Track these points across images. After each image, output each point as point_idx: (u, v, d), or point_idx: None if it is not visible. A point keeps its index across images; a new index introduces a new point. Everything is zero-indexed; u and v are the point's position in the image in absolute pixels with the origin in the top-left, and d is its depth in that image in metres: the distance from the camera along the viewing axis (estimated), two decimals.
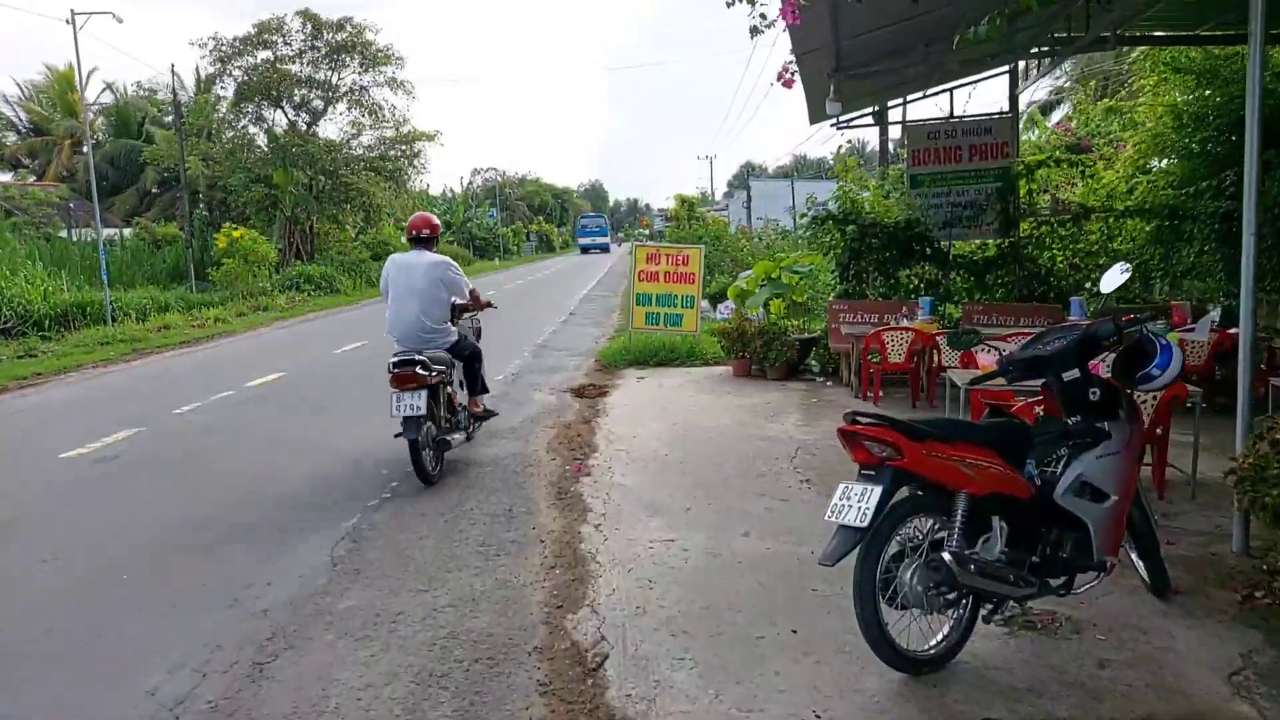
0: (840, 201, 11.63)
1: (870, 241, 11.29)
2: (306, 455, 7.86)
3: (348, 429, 8.86)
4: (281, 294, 27.15)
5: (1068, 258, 11.47)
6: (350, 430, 8.73)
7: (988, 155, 11.52)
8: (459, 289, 7.31)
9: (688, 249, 13.06)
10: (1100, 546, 3.92)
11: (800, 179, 65.53)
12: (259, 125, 35.38)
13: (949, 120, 11.76)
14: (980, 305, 11.10)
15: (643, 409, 9.40)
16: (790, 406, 9.48)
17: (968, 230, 11.60)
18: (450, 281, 7.18)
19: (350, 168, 34.63)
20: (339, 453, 7.86)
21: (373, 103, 36.02)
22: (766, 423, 8.65)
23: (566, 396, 10.29)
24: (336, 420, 9.47)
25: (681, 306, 12.91)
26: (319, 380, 12.26)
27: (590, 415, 9.13)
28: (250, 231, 26.37)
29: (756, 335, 11.27)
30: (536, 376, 11.79)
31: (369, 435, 8.17)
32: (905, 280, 11.67)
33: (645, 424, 8.59)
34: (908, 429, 3.65)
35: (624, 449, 7.58)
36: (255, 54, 34.69)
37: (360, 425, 8.76)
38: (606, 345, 14.17)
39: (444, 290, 7.15)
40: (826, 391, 10.43)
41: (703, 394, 10.26)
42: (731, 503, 6.03)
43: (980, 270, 11.49)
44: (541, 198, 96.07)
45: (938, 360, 9.39)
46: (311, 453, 7.95)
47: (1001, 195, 11.39)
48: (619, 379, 11.46)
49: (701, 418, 8.86)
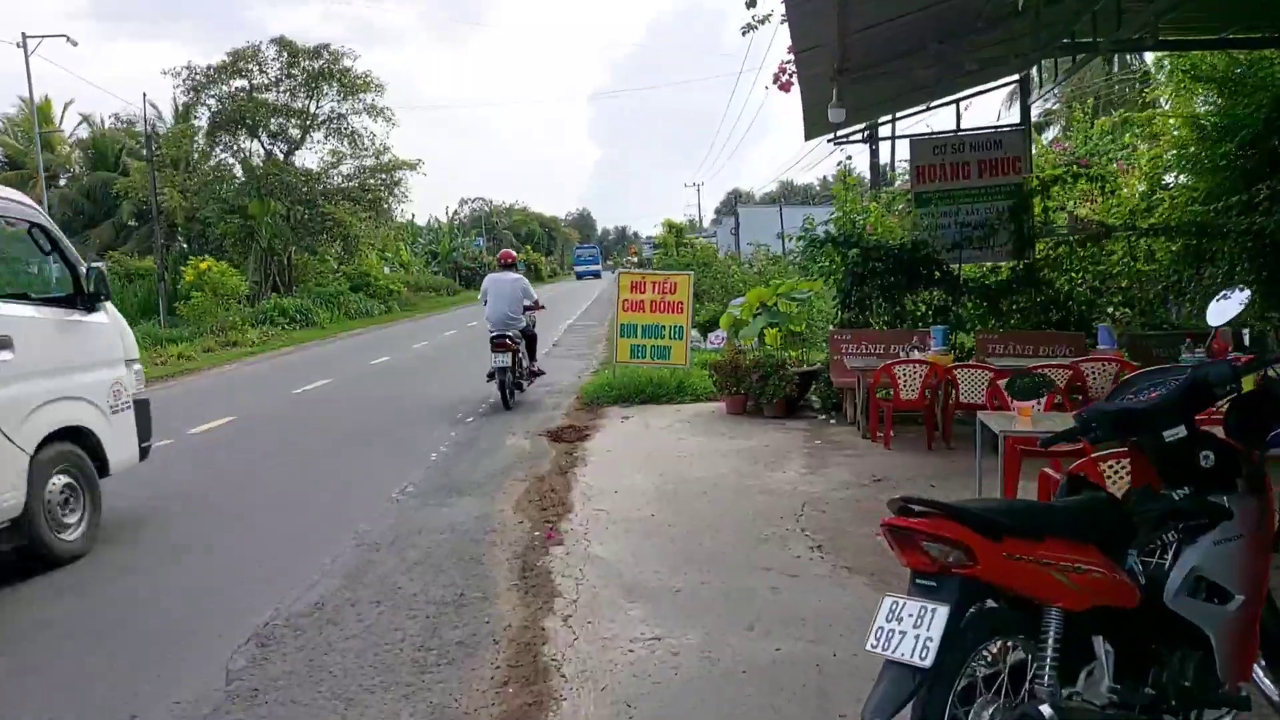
0: (840, 223, 10.70)
1: (874, 265, 10.35)
2: (235, 530, 6.79)
3: (279, 503, 7.79)
4: (255, 328, 26.04)
5: (1088, 281, 10.55)
6: (285, 497, 7.68)
7: (998, 171, 10.63)
8: (529, 296, 11.89)
9: (675, 275, 12.10)
10: (1227, 666, 2.90)
11: (788, 205, 65.12)
12: (234, 155, 34.50)
13: (955, 134, 10.88)
14: (995, 334, 10.16)
15: (627, 456, 8.37)
16: (792, 450, 8.47)
17: (978, 252, 10.68)
18: (525, 290, 11.84)
19: (328, 198, 33.75)
20: (273, 530, 6.80)
21: (351, 131, 35.27)
22: (766, 471, 7.63)
23: (543, 441, 9.25)
24: (264, 494, 8.40)
25: (669, 338, 11.92)
26: (265, 428, 11.17)
27: (567, 464, 8.09)
28: (220, 264, 25.36)
29: (752, 369, 10.28)
30: (510, 416, 10.75)
31: (312, 508, 7.12)
32: (912, 307, 10.72)
33: (629, 475, 7.55)
34: (979, 520, 2.63)
35: (604, 508, 6.53)
36: (230, 82, 33.92)
37: (303, 490, 7.72)
38: (590, 380, 13.16)
39: (521, 296, 11.68)
40: (830, 431, 9.43)
41: (694, 436, 9.23)
42: (730, 580, 4.99)
43: (993, 295, 10.55)
44: (529, 226, 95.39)
45: (955, 397, 8.41)
46: (241, 528, 6.88)
47: (1014, 214, 10.49)
48: (602, 419, 10.43)
49: (692, 466, 7.83)
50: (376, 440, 9.73)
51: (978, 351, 10.05)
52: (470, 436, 9.52)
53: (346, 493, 7.47)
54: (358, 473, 8.28)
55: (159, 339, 22.81)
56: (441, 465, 8.24)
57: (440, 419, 10.73)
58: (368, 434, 10.07)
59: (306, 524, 6.60)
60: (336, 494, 7.47)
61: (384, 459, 8.76)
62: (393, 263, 49.93)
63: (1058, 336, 9.98)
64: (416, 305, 41.32)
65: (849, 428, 9.53)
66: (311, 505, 7.14)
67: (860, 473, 7.51)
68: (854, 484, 7.16)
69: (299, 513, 6.97)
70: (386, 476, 7.81)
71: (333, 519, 6.58)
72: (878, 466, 7.72)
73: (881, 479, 7.28)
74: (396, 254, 51.84)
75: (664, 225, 44.82)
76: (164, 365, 18.77)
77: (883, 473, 7.48)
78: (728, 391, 10.49)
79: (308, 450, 9.33)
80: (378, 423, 10.73)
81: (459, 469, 8.06)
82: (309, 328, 28.47)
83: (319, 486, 7.78)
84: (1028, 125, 10.62)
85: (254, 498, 7.55)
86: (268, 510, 7.13)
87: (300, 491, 7.67)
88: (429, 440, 9.45)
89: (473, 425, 10.17)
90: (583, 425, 9.99)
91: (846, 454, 8.27)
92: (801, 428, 9.63)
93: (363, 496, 7.19)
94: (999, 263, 10.80)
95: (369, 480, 7.87)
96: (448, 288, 50.86)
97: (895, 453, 8.28)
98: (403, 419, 10.98)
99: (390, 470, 8.08)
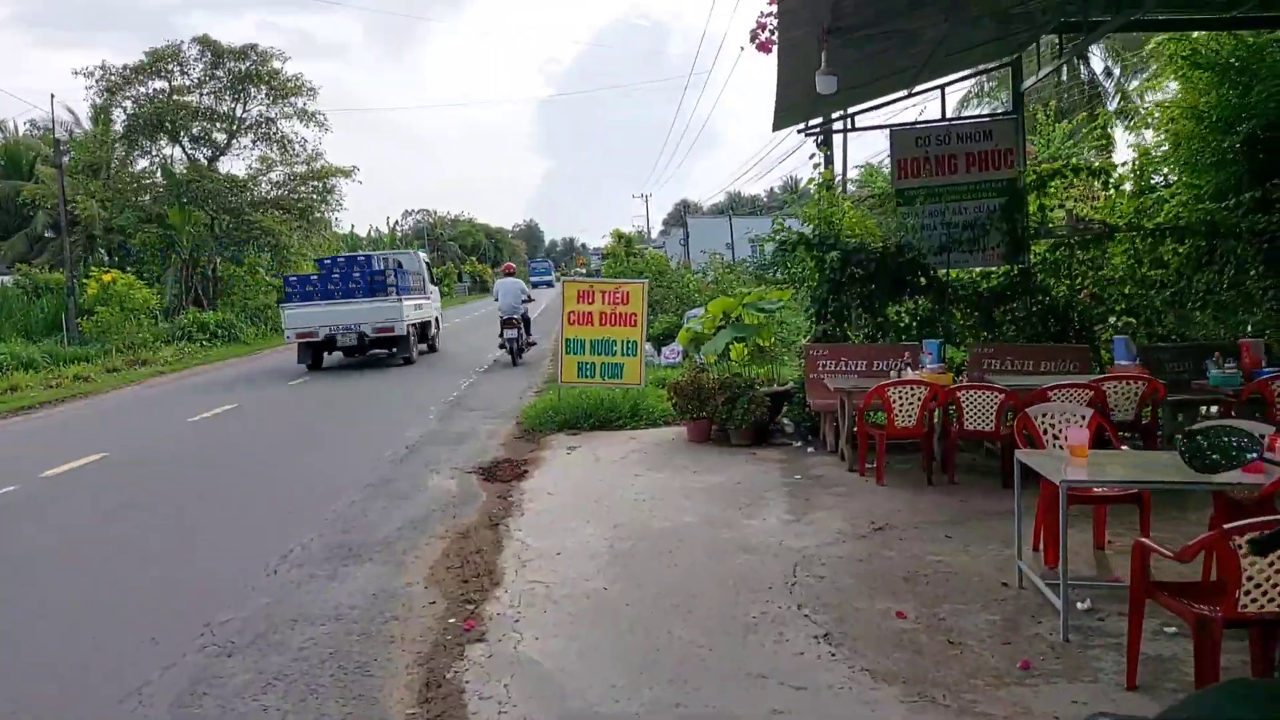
0: (814, 223, 9.43)
1: (853, 271, 9.10)
2: (31, 629, 5.18)
3: (111, 582, 6.17)
4: (170, 345, 24.01)
5: (1088, 287, 9.43)
6: (122, 573, 6.06)
7: (989, 164, 9.48)
8: (525, 292, 17.48)
9: (627, 284, 10.72)
10: None
11: (737, 215, 64.33)
12: (152, 160, 32.28)
13: (941, 124, 9.71)
14: (990, 348, 8.97)
15: (572, 500, 6.93)
16: (769, 488, 7.12)
17: (967, 255, 9.50)
18: (522, 288, 17.48)
19: (257, 206, 31.71)
20: (86, 629, 5.20)
21: (281, 136, 33.29)
22: (743, 518, 6.26)
23: (472, 480, 7.77)
24: (98, 568, 6.77)
25: (621, 354, 10.51)
26: (135, 470, 9.44)
27: (500, 512, 6.63)
28: (126, 276, 23.26)
29: (717, 390, 8.94)
30: (438, 450, 9.22)
31: (154, 590, 5.53)
32: (895, 318, 9.50)
33: (575, 527, 6.12)
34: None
35: (542, 578, 5.09)
36: (148, 83, 31.77)
37: (150, 562, 6.11)
38: (532, 401, 11.69)
39: (520, 292, 17.22)
40: (809, 462, 8.11)
41: (652, 471, 7.84)
42: (715, 700, 3.60)
43: (985, 304, 9.37)
44: (475, 238, 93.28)
45: (959, 423, 7.16)
46: (44, 625, 5.28)
47: (1007, 213, 9.34)
48: (544, 450, 8.98)
49: (653, 513, 6.43)
50: (269, 485, 8.11)
51: (970, 367, 8.85)
52: (387, 476, 7.99)
53: (211, 563, 5.86)
54: (234, 532, 6.64)
55: (60, 358, 20.74)
56: (344, 518, 6.69)
57: (355, 452, 9.18)
58: (260, 476, 8.44)
59: (139, 615, 4.95)
60: (196, 565, 5.83)
61: (272, 511, 7.16)
62: None
63: (1061, 350, 8.84)
64: None
65: (830, 458, 8.23)
66: (155, 585, 5.49)
67: (855, 518, 6.19)
68: (851, 534, 5.83)
69: (133, 597, 5.29)
70: (269, 537, 6.23)
71: (179, 605, 5.02)
72: (874, 509, 6.42)
73: (883, 527, 5.97)
74: None
75: (612, 236, 43.53)
76: (57, 388, 16.82)
77: (882, 518, 6.17)
78: (689, 416, 9.13)
79: (178, 500, 7.64)
80: (276, 461, 9.12)
81: (365, 522, 6.53)
82: (232, 343, 26.47)
83: (175, 555, 6.10)
84: (1021, 114, 9.48)
85: (80, 574, 5.84)
86: (91, 593, 5.43)
87: (145, 564, 5.95)
88: (336, 480, 7.91)
89: (392, 464, 8.62)
90: (521, 459, 8.53)
91: (834, 493, 6.96)
92: (776, 458, 8.31)
93: (231, 568, 5.61)
94: (990, 267, 9.64)
95: (246, 543, 6.26)
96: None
97: (890, 490, 6.99)
98: (308, 454, 9.40)
99: (276, 528, 6.51)
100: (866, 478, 7.40)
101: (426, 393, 13.74)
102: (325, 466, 8.63)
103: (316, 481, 7.97)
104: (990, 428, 7.05)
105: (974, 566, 5.14)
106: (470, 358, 19.37)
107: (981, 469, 7.63)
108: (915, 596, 4.70)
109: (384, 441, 9.68)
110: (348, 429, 10.83)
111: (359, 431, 10.58)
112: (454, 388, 14.29)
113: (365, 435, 10.23)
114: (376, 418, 11.57)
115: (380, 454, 9.01)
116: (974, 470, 7.45)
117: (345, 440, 10.01)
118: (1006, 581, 4.86)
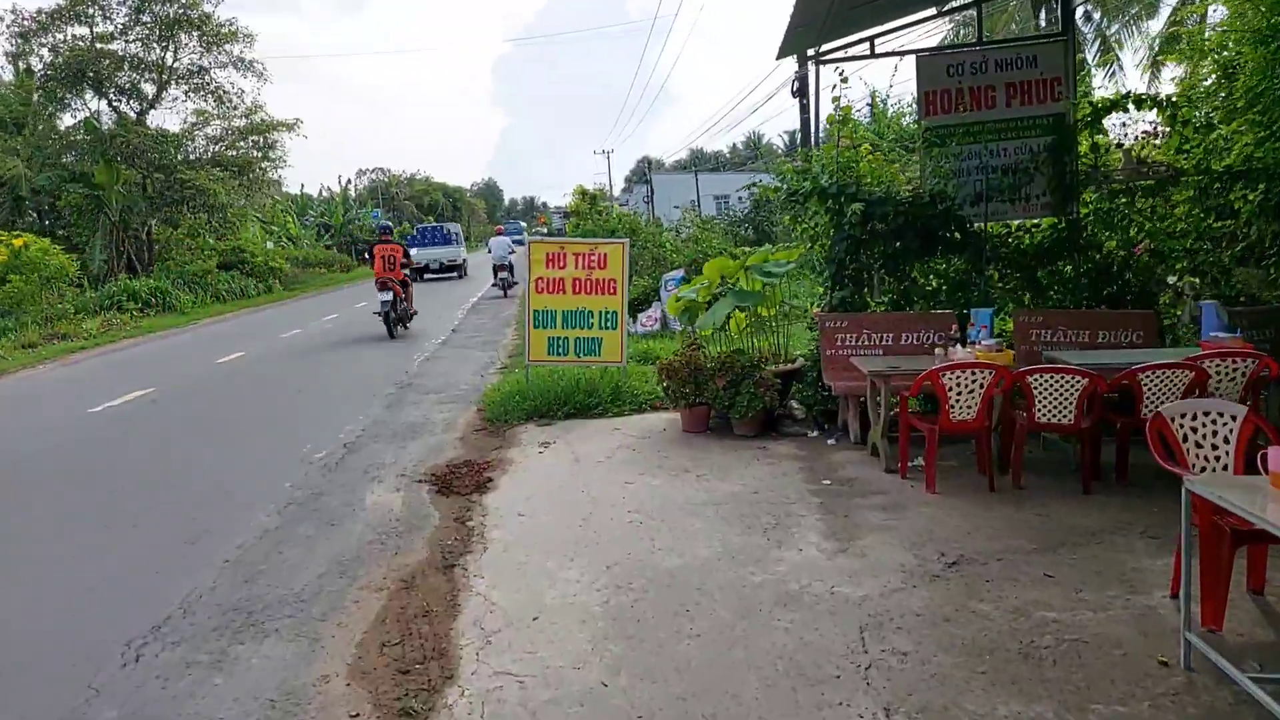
0: (829, 167, 7.91)
1: (875, 226, 7.62)
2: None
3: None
4: (97, 316, 21.92)
5: (1145, 241, 8.05)
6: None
7: (1032, 97, 8.00)
8: (512, 247, 26.10)
9: (605, 245, 9.14)
10: None
11: (702, 171, 62.44)
12: (74, 115, 29.68)
13: (976, 49, 8.20)
14: (1038, 315, 7.59)
15: (551, 523, 5.44)
16: (795, 499, 5.70)
17: (1007, 206, 8.06)
18: (509, 244, 26.37)
19: (192, 164, 29.32)
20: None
21: (216, 87, 30.76)
22: (772, 547, 4.84)
23: (422, 494, 6.23)
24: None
25: (600, 327, 8.99)
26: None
27: (457, 545, 5.12)
28: (41, 240, 21.06)
29: (717, 372, 7.47)
30: (382, 447, 7.65)
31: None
32: (923, 280, 8.07)
33: (555, 570, 4.63)
34: None
35: (513, 669, 3.61)
36: (65, 29, 29.03)
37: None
38: (496, 382, 10.13)
39: (509, 245, 26.34)
40: (834, 459, 6.70)
41: (647, 475, 6.37)
42: None
43: (1028, 263, 7.96)
44: (433, 197, 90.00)
45: (1029, 415, 5.76)
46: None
47: (1054, 154, 7.90)
48: (511, 447, 7.46)
49: (656, 542, 4.97)
50: (162, 508, 6.30)
51: (1016, 338, 7.48)
52: (315, 491, 6.41)
53: (45, 642, 4.25)
54: (92, 585, 4.91)
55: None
56: (250, 558, 5.10)
57: (283, 453, 7.58)
58: (153, 494, 6.67)
59: None
60: (13, 649, 4.20)
61: (156, 548, 5.44)
62: (278, 236, 45.27)
63: (1122, 318, 7.48)
64: (306, 283, 37.18)
65: (856, 452, 6.83)
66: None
67: (917, 545, 4.80)
68: (919, 572, 4.43)
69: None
70: (143, 593, 4.65)
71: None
72: (935, 529, 5.03)
73: (957, 561, 4.57)
74: (284, 227, 47.17)
75: (576, 192, 41.44)
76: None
77: (951, 544, 4.79)
78: (685, 402, 7.65)
79: (27, 536, 5.93)
80: (181, 469, 7.36)
81: (277, 564, 4.98)
82: (168, 313, 24.39)
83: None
84: (1072, 34, 7.99)
85: None
86: None
87: None
88: (250, 496, 6.32)
89: (324, 470, 7.03)
90: (483, 460, 7.00)
91: (877, 504, 5.55)
92: (792, 454, 6.88)
93: (73, 649, 4.04)
94: (1033, 219, 8.22)
95: (105, 604, 4.61)
96: (341, 263, 46.39)
97: (946, 500, 5.61)
98: (223, 458, 7.73)
99: (155, 577, 4.91)
100: (911, 481, 6.02)
101: (384, 369, 12.11)
102: (239, 476, 7.00)
103: (224, 500, 6.34)
104: (1069, 420, 5.67)
105: (1107, 630, 3.75)
106: (425, 343, 17.64)
107: (1040, 464, 6.27)
108: (1047, 689, 3.31)
109: (319, 436, 8.08)
110: (278, 420, 9.18)
111: (291, 423, 8.94)
112: (408, 364, 12.66)
113: (297, 429, 8.61)
114: (314, 404, 9.93)
115: (312, 455, 7.42)
116: (1032, 466, 6.09)
117: (273, 437, 8.39)
118: (1165, 658, 3.48)
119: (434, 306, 22.25)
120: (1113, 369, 5.91)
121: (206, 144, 30.89)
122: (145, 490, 6.74)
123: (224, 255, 31.38)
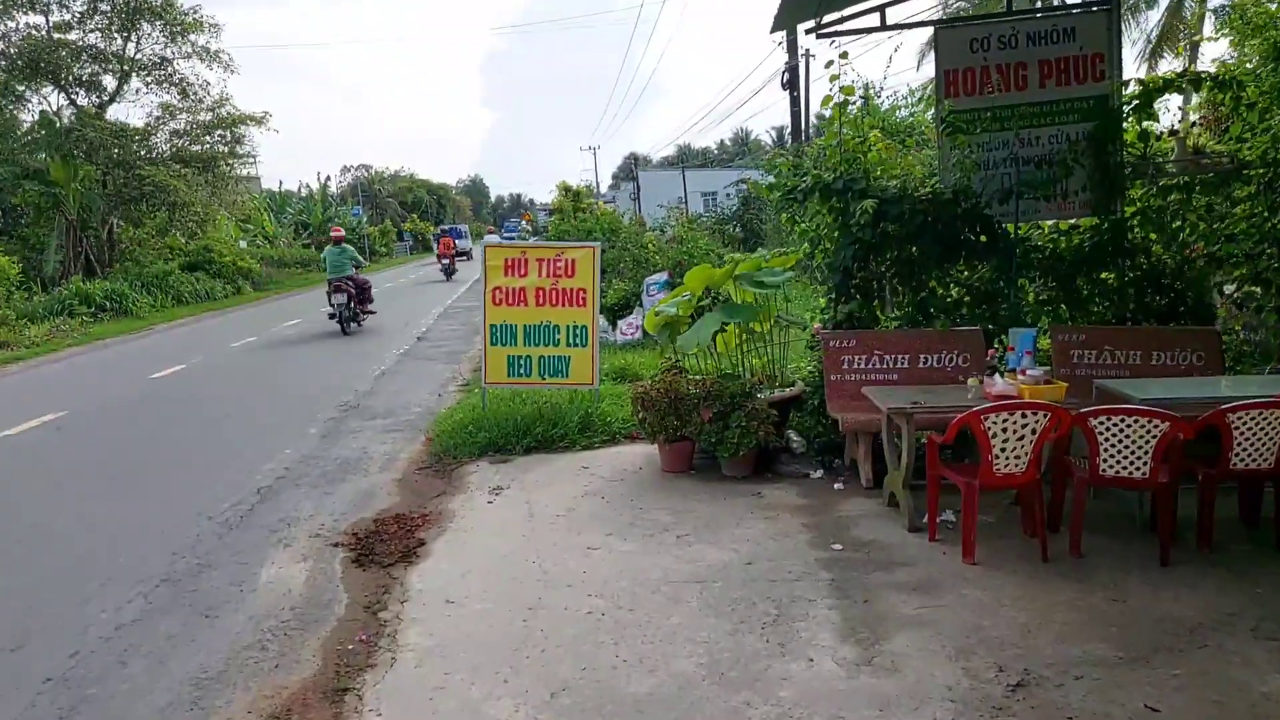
0: (831, 158, 6.72)
1: (887, 228, 6.44)
2: None
3: None
4: (44, 322, 20.53)
5: (1200, 245, 6.90)
6: None
7: (1070, 77, 6.85)
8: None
9: (572, 250, 7.93)
10: None
11: (689, 168, 61.24)
12: (30, 109, 28.21)
13: (1005, 20, 7.03)
14: (1080, 331, 6.45)
15: (485, 617, 4.22)
16: (801, 574, 4.51)
17: (1040, 204, 6.89)
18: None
19: (156, 160, 27.93)
20: None
21: (180, 78, 29.35)
22: (774, 658, 3.65)
23: (334, 563, 5.00)
24: None
25: (568, 344, 7.78)
26: None
27: (359, 653, 3.90)
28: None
29: (701, 401, 6.28)
30: (302, 495, 6.39)
31: None
32: (942, 291, 6.89)
33: (480, 704, 3.42)
34: None
35: None
36: (18, 18, 27.59)
37: None
38: (450, 408, 8.90)
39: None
40: (844, 510, 5.52)
41: (616, 536, 5.17)
42: None
43: (1066, 270, 6.80)
44: (417, 194, 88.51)
45: (1091, 464, 4.59)
46: None
47: (1096, 143, 6.73)
48: (457, 494, 6.24)
49: (621, 650, 3.77)
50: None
51: (1055, 361, 6.32)
52: (201, 561, 5.14)
53: None
54: None
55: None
56: (76, 679, 3.80)
57: (176, 507, 6.29)
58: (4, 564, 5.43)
59: None
60: None
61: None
62: (254, 235, 43.80)
63: (1180, 335, 6.34)
64: (280, 283, 35.83)
65: (870, 501, 5.66)
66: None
67: (965, 652, 3.63)
68: (975, 701, 3.26)
69: None
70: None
71: None
72: (986, 625, 3.86)
73: (1024, 681, 3.40)
74: (260, 225, 45.68)
75: (558, 189, 40.11)
76: None
77: (1013, 651, 3.62)
78: (665, 436, 6.45)
79: None
80: (37, 532, 5.81)
81: (111, 688, 3.72)
82: (124, 317, 23.01)
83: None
84: (1117, 5, 6.85)
85: None
86: None
87: None
88: (109, 580, 4.97)
89: (222, 529, 5.74)
90: (419, 514, 5.77)
91: (904, 582, 4.37)
92: (792, 502, 5.70)
93: None
94: (1070, 219, 7.05)
95: None
96: (318, 262, 44.90)
97: (989, 573, 4.45)
98: (102, 513, 6.28)
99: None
100: (942, 545, 4.85)
101: (332, 385, 10.86)
102: (115, 540, 5.62)
103: (79, 578, 4.96)
104: (1143, 474, 4.51)
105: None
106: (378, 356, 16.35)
107: (1095, 518, 5.10)
108: None
109: (232, 477, 6.84)
110: (192, 455, 7.84)
111: (205, 460, 7.63)
112: (360, 381, 11.42)
113: (210, 467, 7.33)
114: (240, 433, 8.65)
115: (216, 506, 6.17)
116: (1086, 520, 4.91)
117: (178, 479, 7.06)
118: None
119: (403, 313, 20.96)
120: (1187, 404, 4.76)
121: (170, 138, 29.51)
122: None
123: (190, 255, 30.00)
